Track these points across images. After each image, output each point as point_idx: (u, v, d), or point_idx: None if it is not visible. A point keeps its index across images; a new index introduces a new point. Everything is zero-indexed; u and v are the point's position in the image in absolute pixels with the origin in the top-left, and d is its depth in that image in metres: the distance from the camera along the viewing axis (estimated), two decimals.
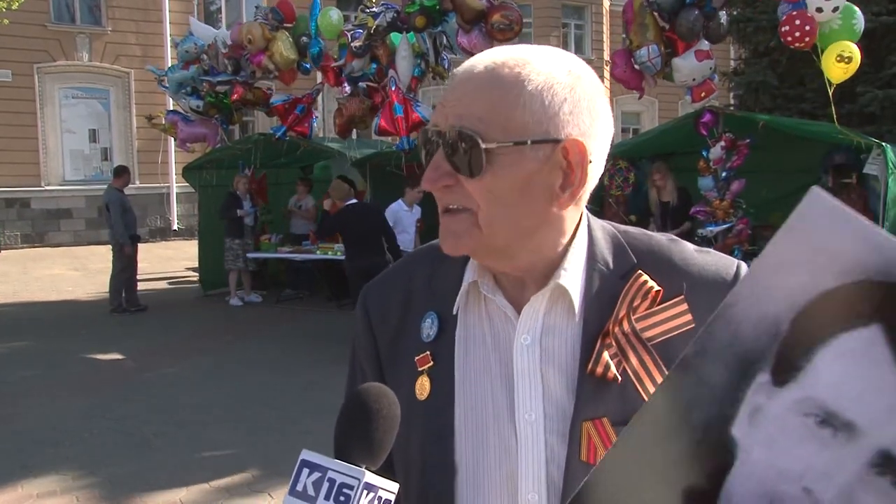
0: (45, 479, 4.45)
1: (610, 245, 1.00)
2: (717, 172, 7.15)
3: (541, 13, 23.01)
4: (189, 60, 10.50)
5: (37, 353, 7.73)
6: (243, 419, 5.45)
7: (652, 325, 0.94)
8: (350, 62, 8.50)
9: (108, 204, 9.86)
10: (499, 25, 7.51)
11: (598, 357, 0.93)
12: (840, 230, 0.61)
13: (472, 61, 0.93)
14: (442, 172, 0.90)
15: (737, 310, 0.66)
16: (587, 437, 0.92)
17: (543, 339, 0.96)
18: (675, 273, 0.97)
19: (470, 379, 0.99)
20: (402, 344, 1.04)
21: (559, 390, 0.95)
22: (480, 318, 1.00)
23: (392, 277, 1.10)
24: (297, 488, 0.79)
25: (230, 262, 10.21)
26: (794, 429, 0.63)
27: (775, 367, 0.64)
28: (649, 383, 0.93)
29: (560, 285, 0.95)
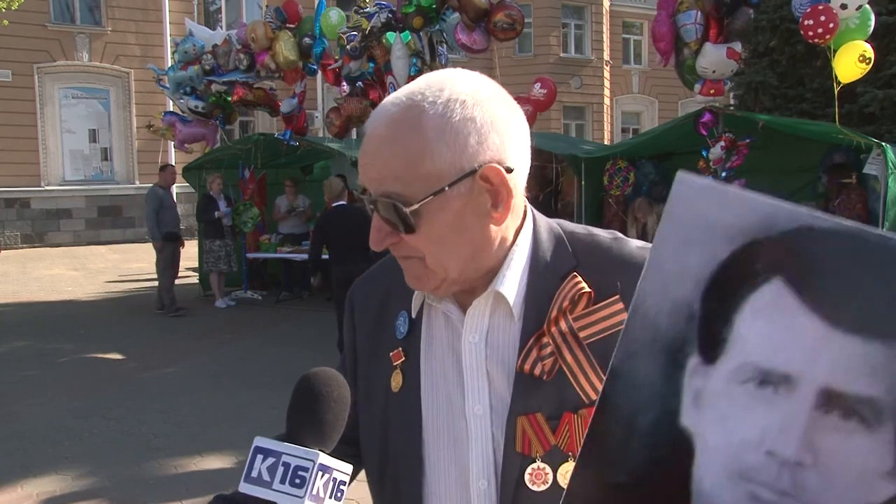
0: (45, 479, 4.45)
1: (552, 246, 1.03)
2: (717, 172, 7.15)
3: (541, 13, 23.01)
4: (188, 61, 10.49)
5: (37, 353, 7.73)
6: (243, 419, 5.46)
7: (589, 324, 0.99)
8: (347, 63, 8.50)
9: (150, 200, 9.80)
10: (501, 24, 7.51)
11: (528, 355, 0.98)
12: (715, 203, 0.64)
13: (374, 115, 0.97)
14: (384, 234, 0.96)
15: (648, 305, 0.67)
16: (521, 431, 0.98)
17: (490, 338, 1.02)
18: (615, 271, 1.00)
19: (433, 375, 1.06)
20: (379, 339, 1.12)
21: (502, 386, 1.00)
22: (439, 318, 1.07)
23: (376, 275, 1.18)
24: (252, 475, 0.80)
25: (211, 263, 10.20)
26: (738, 398, 0.64)
27: (701, 347, 0.65)
28: (584, 381, 0.97)
29: (498, 292, 1.00)
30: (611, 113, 26.03)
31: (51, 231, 18.50)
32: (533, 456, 0.97)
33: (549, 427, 0.97)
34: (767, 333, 0.62)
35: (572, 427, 0.97)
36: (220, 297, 10.27)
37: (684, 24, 6.99)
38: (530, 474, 0.97)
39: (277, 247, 10.62)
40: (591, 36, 24.76)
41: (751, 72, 11.35)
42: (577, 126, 24.74)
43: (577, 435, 0.97)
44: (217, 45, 10.17)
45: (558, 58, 23.77)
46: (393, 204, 0.92)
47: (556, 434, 0.97)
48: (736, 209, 0.64)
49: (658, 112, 26.59)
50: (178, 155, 17.11)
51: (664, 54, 7.30)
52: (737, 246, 0.63)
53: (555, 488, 0.96)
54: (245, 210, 10.51)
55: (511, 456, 0.98)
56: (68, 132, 18.72)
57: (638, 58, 26.70)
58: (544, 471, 0.97)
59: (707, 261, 0.65)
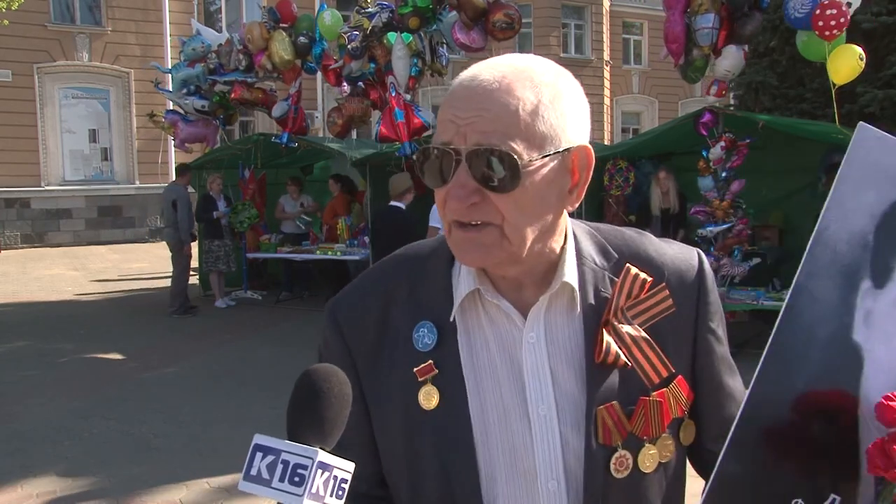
0: (45, 479, 4.45)
1: (591, 242, 1.05)
2: (717, 172, 7.15)
3: (541, 13, 23.02)
4: (195, 59, 10.49)
5: (37, 353, 7.73)
6: (243, 419, 5.45)
7: (640, 311, 1.02)
8: (348, 63, 8.50)
9: (175, 201, 9.69)
10: (500, 24, 7.51)
11: (604, 346, 0.98)
12: (890, 151, 0.76)
13: (477, 72, 0.95)
14: (470, 190, 0.91)
15: (829, 233, 0.79)
16: (602, 422, 0.98)
17: (548, 336, 1.00)
18: (651, 263, 1.04)
19: (478, 383, 1.01)
20: (387, 358, 1.03)
21: (569, 382, 0.99)
22: (480, 323, 1.02)
23: (365, 289, 1.09)
24: (252, 472, 0.79)
25: (210, 263, 10.21)
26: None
27: (873, 273, 0.77)
28: (647, 366, 1.00)
29: (566, 283, 1.00)
30: (611, 113, 26.03)
31: (51, 231, 18.50)
32: (614, 445, 0.98)
33: (625, 415, 0.99)
34: None
35: (647, 411, 0.99)
36: (220, 297, 10.27)
37: (703, 27, 6.94)
38: (615, 462, 0.98)
39: (277, 247, 10.62)
40: (591, 36, 24.76)
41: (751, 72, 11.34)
42: None
43: (652, 419, 0.99)
44: (221, 44, 10.18)
45: (558, 58, 23.58)
46: (502, 156, 0.89)
47: (632, 421, 0.99)
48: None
49: (658, 112, 26.60)
50: (178, 155, 17.12)
51: (676, 55, 7.20)
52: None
53: (635, 473, 0.99)
54: (243, 209, 10.48)
55: (593, 449, 0.98)
56: (68, 132, 18.72)
57: (638, 58, 26.71)
58: (627, 458, 0.99)
59: (881, 200, 0.77)
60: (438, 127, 0.95)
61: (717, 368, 1.07)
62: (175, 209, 9.66)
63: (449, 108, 0.93)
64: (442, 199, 0.94)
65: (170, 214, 9.77)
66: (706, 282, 1.06)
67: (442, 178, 0.93)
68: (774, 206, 8.75)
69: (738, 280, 7.19)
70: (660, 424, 1.00)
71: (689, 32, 7.01)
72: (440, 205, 0.95)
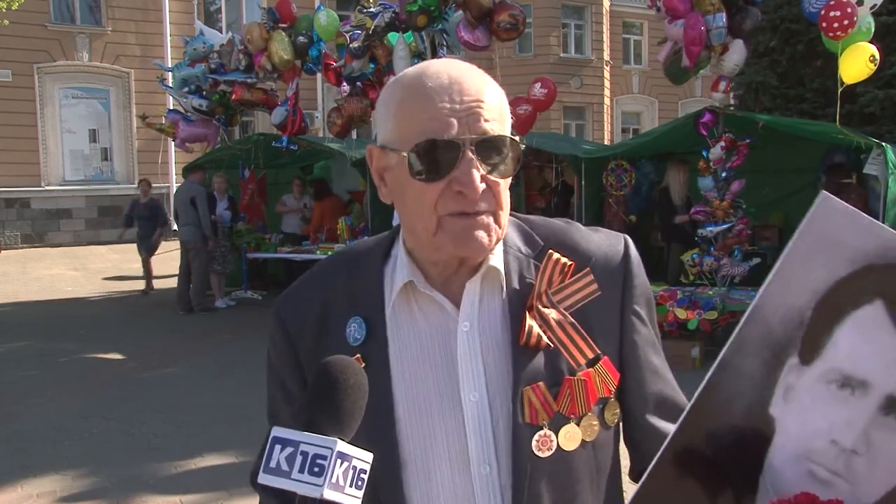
0: (45, 479, 4.45)
1: (517, 232, 1.09)
2: (717, 172, 7.15)
3: (541, 13, 23.01)
4: (196, 59, 10.50)
5: (37, 353, 7.73)
6: (244, 419, 5.45)
7: (566, 296, 1.05)
8: (349, 63, 8.49)
9: (193, 198, 9.65)
10: (504, 25, 7.52)
11: (528, 329, 1.02)
12: (848, 227, 0.74)
13: (440, 67, 1.00)
14: (479, 179, 0.95)
15: (766, 308, 0.78)
16: (528, 402, 1.01)
17: (480, 324, 1.04)
18: (576, 250, 1.08)
19: (408, 374, 1.04)
20: (325, 351, 1.03)
21: (499, 366, 1.03)
22: (412, 316, 1.05)
23: (307, 287, 1.13)
24: (271, 465, 0.80)
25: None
26: (820, 396, 0.77)
27: (802, 350, 0.78)
28: (573, 347, 1.03)
29: (493, 267, 1.04)
30: (611, 113, 26.03)
31: (51, 231, 18.50)
32: (539, 424, 1.01)
33: (550, 395, 1.01)
34: (859, 345, 0.75)
35: (573, 391, 1.02)
36: (219, 297, 10.27)
37: (718, 27, 6.93)
38: (537, 441, 1.00)
39: (277, 247, 10.63)
40: (591, 36, 24.76)
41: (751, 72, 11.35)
42: (577, 126, 24.74)
43: (577, 397, 1.02)
44: (223, 45, 10.19)
45: (558, 58, 23.77)
46: (510, 143, 0.97)
47: (558, 400, 1.01)
48: (863, 235, 0.74)
49: (658, 112, 26.59)
50: (178, 154, 17.12)
51: (695, 57, 7.11)
52: (856, 267, 0.74)
53: (558, 452, 1.01)
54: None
55: (520, 428, 1.00)
56: (68, 132, 18.72)
57: (638, 58, 26.71)
58: (549, 437, 1.01)
59: (827, 277, 0.75)
60: (424, 122, 0.95)
61: (643, 349, 1.09)
62: (195, 207, 9.64)
63: (436, 101, 0.95)
64: (437, 193, 0.96)
65: (189, 212, 9.68)
66: (631, 266, 1.09)
67: (442, 171, 0.95)
68: (774, 206, 8.74)
69: (738, 280, 7.19)
70: (585, 403, 1.02)
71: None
72: (431, 200, 0.96)
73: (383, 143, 1.02)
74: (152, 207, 10.88)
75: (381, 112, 1.03)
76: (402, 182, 0.99)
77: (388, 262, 1.09)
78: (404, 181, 0.99)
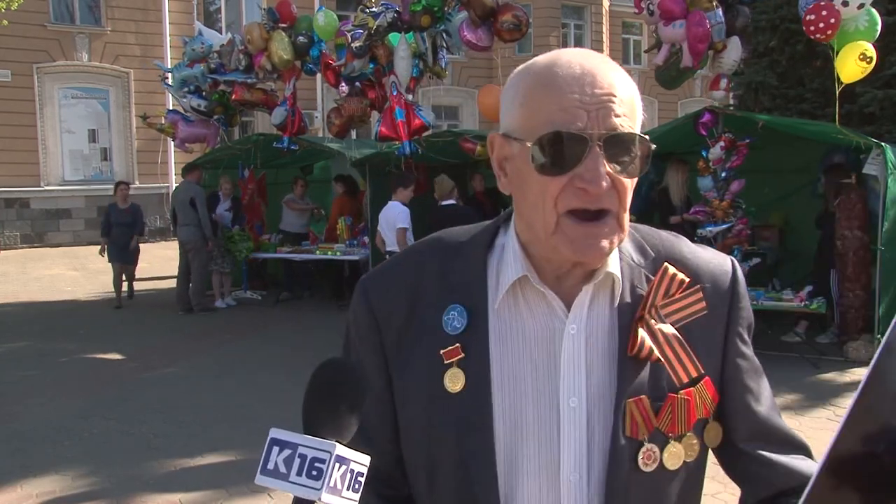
0: (45, 479, 4.45)
1: (629, 240, 1.05)
2: (717, 172, 7.15)
3: (540, 13, 23.00)
4: (195, 59, 10.51)
5: (37, 353, 7.73)
6: (244, 419, 5.45)
7: (674, 311, 1.03)
8: (350, 61, 8.49)
9: (192, 199, 9.62)
10: (508, 25, 7.53)
11: (638, 340, 0.99)
12: None
13: (573, 56, 0.97)
14: (604, 175, 0.91)
15: None
16: (630, 415, 0.98)
17: (587, 328, 1.01)
18: (686, 265, 1.05)
19: (508, 370, 1.00)
20: (415, 337, 1.03)
21: (602, 374, 1.00)
22: (518, 311, 1.02)
23: (396, 271, 1.09)
24: (269, 466, 0.79)
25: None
26: None
27: None
28: (677, 364, 1.01)
29: (610, 273, 1.01)
30: None
31: (50, 231, 18.49)
32: (640, 439, 0.98)
33: (652, 410, 0.99)
34: None
35: (675, 408, 1.00)
36: (219, 296, 10.27)
37: (718, 23, 6.94)
38: (643, 456, 0.98)
39: (277, 247, 10.62)
40: (590, 36, 24.75)
41: (751, 72, 11.34)
42: None
43: (679, 416, 1.00)
44: (223, 45, 10.20)
45: None
46: (641, 141, 0.94)
47: (659, 416, 0.99)
48: None
49: (658, 112, 26.58)
50: (177, 154, 17.11)
51: (700, 56, 7.09)
52: None
53: (661, 469, 0.99)
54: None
55: (619, 441, 0.98)
56: (68, 132, 18.71)
57: (638, 58, 26.70)
58: (654, 451, 0.99)
59: None
60: (552, 113, 0.92)
61: (746, 372, 1.07)
62: (194, 207, 9.62)
63: (566, 91, 0.92)
64: (559, 188, 0.92)
65: (188, 212, 9.66)
66: (739, 288, 1.07)
67: (567, 165, 0.92)
68: (774, 206, 8.74)
69: None
70: (686, 423, 1.01)
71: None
72: (552, 195, 0.93)
73: (506, 132, 0.99)
74: (134, 213, 10.25)
75: (508, 99, 1.00)
76: (523, 174, 0.96)
77: (493, 253, 1.05)
78: (526, 173, 0.95)
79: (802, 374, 6.43)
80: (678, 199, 7.98)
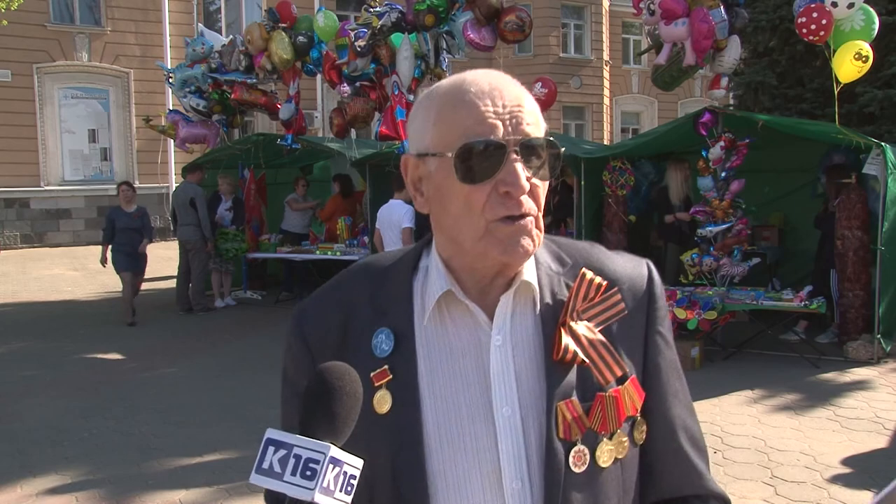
0: (45, 479, 4.45)
1: (546, 251, 1.09)
2: (717, 172, 7.15)
3: (540, 13, 23.01)
4: (196, 60, 10.51)
5: (37, 353, 7.73)
6: (243, 419, 5.46)
7: (595, 314, 1.06)
8: (353, 60, 8.49)
9: (192, 199, 9.60)
10: (511, 26, 7.54)
11: (562, 345, 1.02)
12: None
13: (476, 75, 1.01)
14: (525, 180, 0.96)
15: None
16: (562, 417, 1.00)
17: (512, 338, 1.03)
18: (604, 271, 1.09)
19: (438, 387, 1.02)
20: (348, 362, 1.02)
21: (531, 381, 1.02)
22: (444, 328, 1.04)
23: (328, 298, 1.11)
24: (264, 466, 0.81)
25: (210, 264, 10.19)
26: None
27: None
28: (602, 365, 1.03)
29: (527, 282, 1.04)
30: (610, 113, 26.03)
31: (50, 231, 18.50)
32: (573, 440, 1.01)
33: (582, 410, 1.01)
34: None
35: (604, 406, 1.02)
36: (219, 296, 10.27)
37: (722, 20, 6.94)
38: (574, 457, 1.00)
39: (277, 247, 10.63)
40: (590, 36, 24.76)
41: (750, 72, 11.35)
42: (577, 126, 24.74)
43: (608, 414, 1.02)
44: (224, 45, 10.20)
45: (558, 58, 23.77)
46: (552, 145, 0.99)
47: (590, 416, 1.02)
48: None
49: (658, 112, 26.59)
50: (177, 155, 17.12)
51: (704, 52, 7.06)
52: None
53: (592, 468, 1.01)
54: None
55: (554, 443, 1.00)
56: (68, 132, 18.71)
57: (637, 58, 26.70)
58: (584, 452, 1.01)
59: None
60: (469, 126, 0.96)
61: (666, 370, 1.10)
62: (195, 207, 9.61)
63: (479, 105, 0.96)
64: (484, 196, 0.96)
65: (188, 212, 9.64)
66: (655, 289, 1.11)
67: (488, 172, 0.96)
68: (774, 206, 8.75)
69: (738, 280, 7.19)
70: (616, 420, 1.03)
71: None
72: (479, 204, 0.96)
73: (421, 152, 1.02)
74: (143, 217, 9.26)
75: (419, 121, 1.03)
76: (443, 188, 0.99)
77: (417, 275, 1.07)
78: (447, 187, 0.98)
79: (802, 374, 6.43)
80: (677, 198, 7.98)
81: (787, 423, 5.26)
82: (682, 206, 7.89)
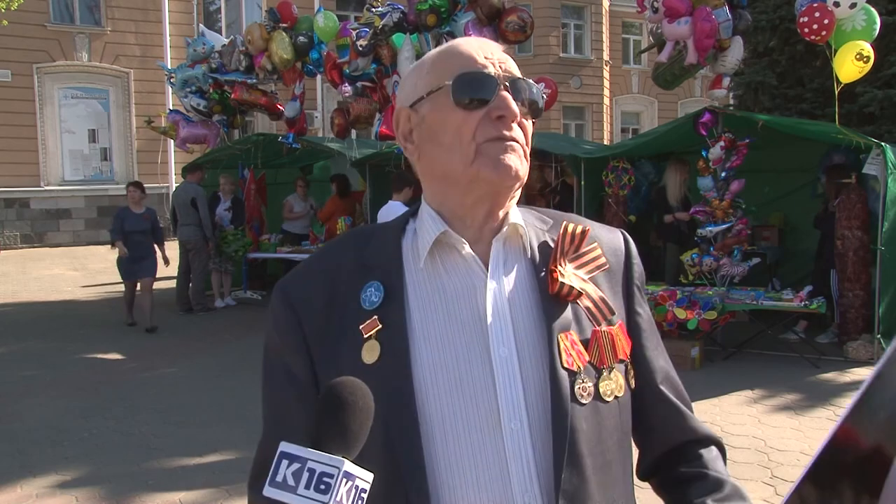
0: (45, 479, 4.45)
1: (529, 213, 1.15)
2: (717, 172, 7.15)
3: (540, 13, 23.00)
4: (197, 60, 10.51)
5: (37, 353, 7.73)
6: (243, 419, 5.45)
7: (582, 263, 1.10)
8: (354, 60, 8.50)
9: (194, 199, 9.61)
10: (513, 26, 7.54)
11: (556, 281, 1.05)
12: None
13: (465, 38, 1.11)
14: (516, 110, 1.04)
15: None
16: (564, 347, 1.03)
17: (506, 279, 1.06)
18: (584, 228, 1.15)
19: (432, 333, 1.03)
20: (336, 321, 1.05)
21: (527, 319, 1.04)
22: (437, 275, 1.06)
23: (310, 268, 1.12)
24: (277, 479, 0.81)
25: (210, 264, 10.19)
26: None
27: None
28: (594, 308, 1.07)
29: (515, 223, 1.08)
30: (610, 113, 26.03)
31: (50, 231, 18.49)
32: (576, 371, 1.02)
33: (581, 344, 1.04)
34: None
35: (601, 341, 1.06)
36: (218, 296, 10.27)
37: (726, 19, 6.94)
38: (579, 388, 1.02)
39: (277, 247, 10.63)
40: (590, 36, 24.76)
41: (750, 72, 11.35)
42: (577, 126, 24.74)
43: (606, 349, 1.06)
44: (224, 45, 10.21)
45: (558, 58, 23.77)
46: (536, 86, 1.07)
47: (588, 350, 1.04)
48: None
49: (658, 112, 26.59)
50: (177, 155, 17.12)
51: (707, 51, 7.05)
52: None
53: (598, 399, 1.03)
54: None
55: (559, 372, 1.01)
56: (68, 132, 18.71)
57: (637, 58, 26.70)
58: (587, 384, 1.03)
59: None
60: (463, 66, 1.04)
61: (648, 323, 1.15)
62: (195, 207, 9.62)
63: (470, 53, 1.06)
64: (476, 121, 1.02)
65: (189, 212, 9.64)
66: (631, 248, 1.17)
67: (482, 98, 1.03)
68: (774, 206, 8.75)
69: (738, 280, 7.19)
70: (613, 355, 1.06)
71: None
72: (471, 129, 1.02)
73: (415, 100, 1.08)
74: (153, 219, 8.95)
75: (412, 79, 1.10)
76: (436, 125, 1.05)
77: (406, 236, 1.10)
78: (440, 121, 1.04)
79: (802, 373, 6.43)
80: (674, 199, 7.99)
81: (787, 423, 5.26)
82: (679, 207, 7.90)
